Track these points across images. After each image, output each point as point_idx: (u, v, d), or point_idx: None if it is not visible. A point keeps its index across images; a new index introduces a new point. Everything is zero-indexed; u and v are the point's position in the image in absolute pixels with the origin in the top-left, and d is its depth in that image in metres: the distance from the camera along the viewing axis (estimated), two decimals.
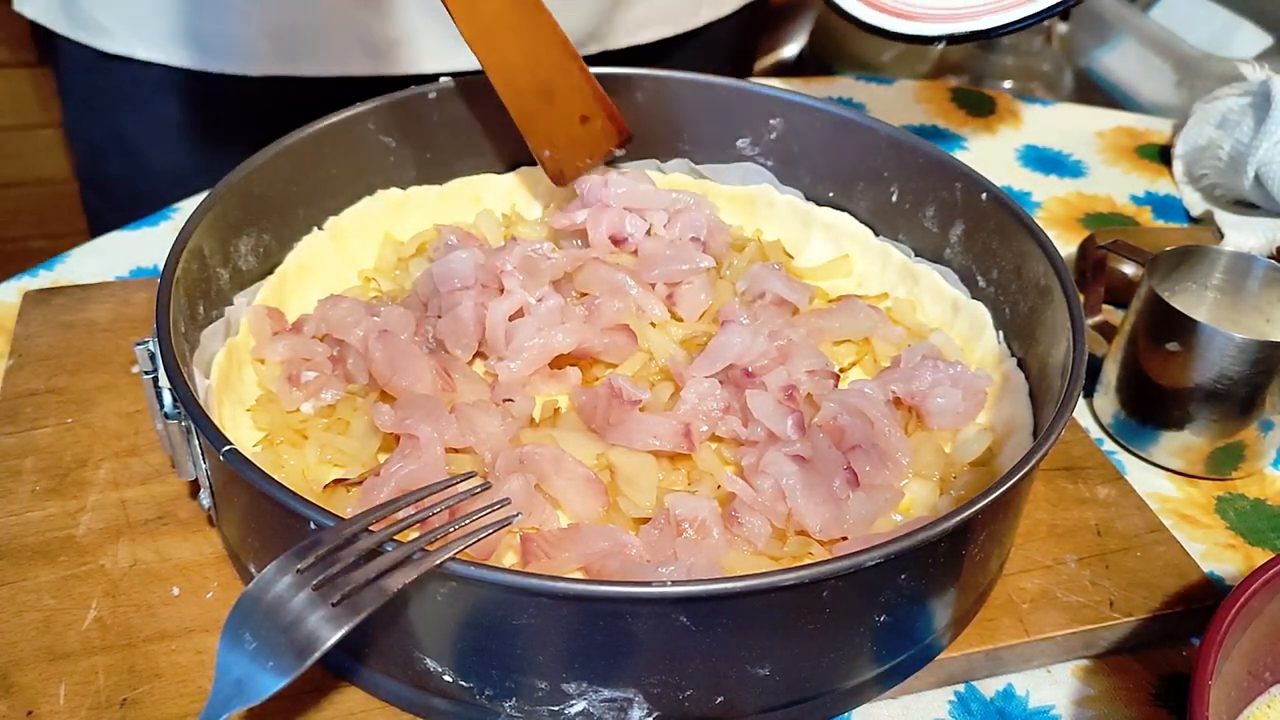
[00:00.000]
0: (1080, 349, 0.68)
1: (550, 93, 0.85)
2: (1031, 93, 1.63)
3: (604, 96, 0.87)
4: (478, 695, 0.59)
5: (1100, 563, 0.72)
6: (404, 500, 0.59)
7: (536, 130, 0.87)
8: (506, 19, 0.82)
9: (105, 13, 1.06)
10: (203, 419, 0.61)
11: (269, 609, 0.53)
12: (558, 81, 0.85)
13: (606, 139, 0.88)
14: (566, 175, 0.89)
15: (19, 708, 0.61)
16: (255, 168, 0.79)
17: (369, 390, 0.75)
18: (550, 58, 0.84)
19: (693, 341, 0.81)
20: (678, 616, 0.55)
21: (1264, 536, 0.79)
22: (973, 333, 0.83)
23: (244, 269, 0.80)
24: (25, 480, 0.73)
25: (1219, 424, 0.79)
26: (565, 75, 0.85)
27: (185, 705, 0.61)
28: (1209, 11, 1.60)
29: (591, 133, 0.87)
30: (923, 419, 0.75)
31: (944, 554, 0.60)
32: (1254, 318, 0.83)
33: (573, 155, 0.88)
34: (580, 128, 0.87)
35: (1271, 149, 1.03)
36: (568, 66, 0.85)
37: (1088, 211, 1.14)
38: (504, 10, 0.82)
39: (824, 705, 0.63)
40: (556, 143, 0.88)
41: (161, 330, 0.65)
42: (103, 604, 0.66)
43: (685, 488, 0.71)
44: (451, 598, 0.56)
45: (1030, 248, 0.78)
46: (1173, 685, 0.68)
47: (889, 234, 0.91)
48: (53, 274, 0.95)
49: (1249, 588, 0.57)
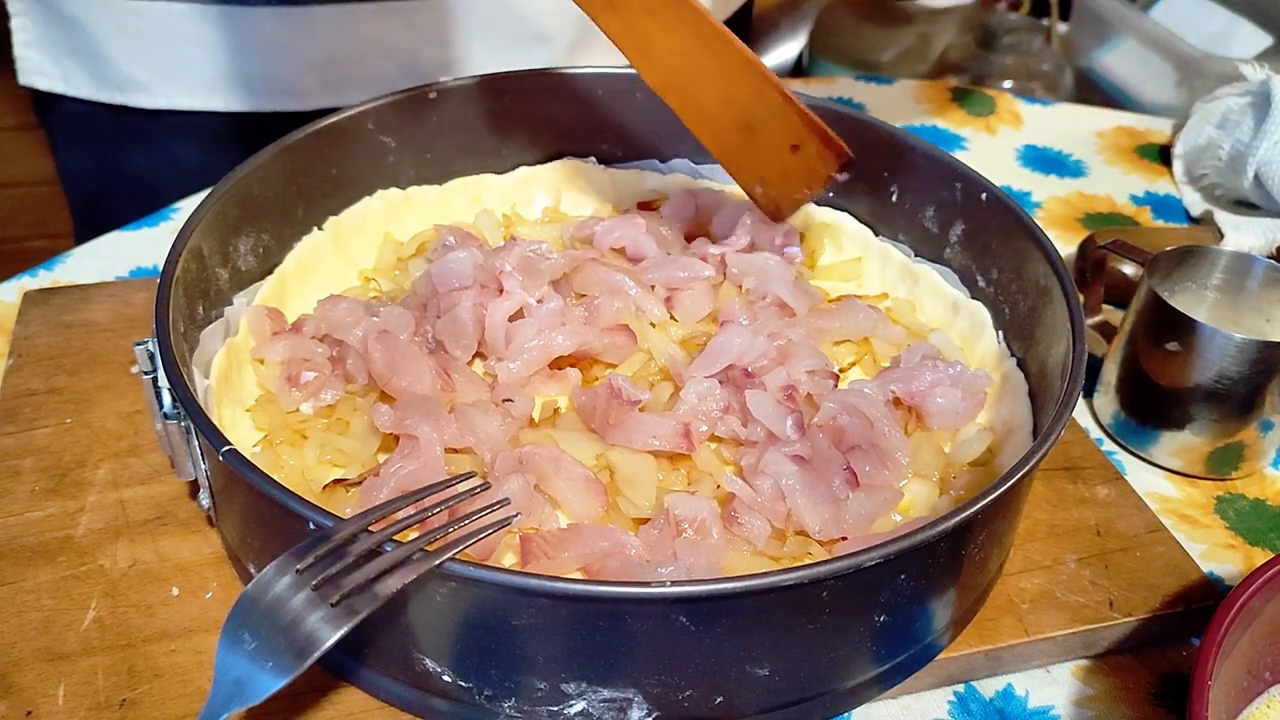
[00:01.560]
0: (1080, 349, 0.68)
1: (751, 125, 0.79)
2: (1031, 93, 1.63)
3: (815, 121, 0.78)
4: (477, 695, 0.59)
5: (1100, 563, 0.72)
6: (403, 500, 0.59)
7: (744, 167, 0.82)
8: (691, 59, 0.77)
9: (142, 69, 1.05)
10: (202, 419, 0.61)
11: (268, 609, 0.53)
12: (758, 111, 0.78)
13: (824, 165, 0.80)
14: (784, 210, 0.84)
15: (18, 708, 0.61)
16: (255, 168, 0.79)
17: (368, 390, 0.75)
18: (746, 88, 0.77)
19: (692, 341, 0.81)
20: (677, 616, 0.55)
21: (1264, 536, 0.79)
22: (973, 333, 0.83)
23: (243, 269, 0.80)
24: (25, 480, 0.73)
25: (1219, 424, 0.79)
26: (765, 103, 0.78)
27: (185, 705, 0.61)
28: (1209, 11, 1.60)
29: (805, 161, 0.80)
30: (922, 419, 0.75)
31: (944, 554, 0.60)
32: (1254, 318, 0.83)
33: (787, 188, 0.82)
34: (792, 157, 0.80)
35: (1271, 149, 1.03)
36: (767, 94, 0.77)
37: (1088, 211, 1.14)
38: (686, 49, 0.76)
39: (824, 705, 0.63)
40: (768, 177, 0.82)
41: (161, 330, 0.65)
42: (102, 604, 0.66)
43: (685, 488, 0.71)
44: (451, 598, 0.56)
45: (1030, 248, 0.78)
46: (1173, 685, 0.68)
47: (889, 234, 0.91)
48: (53, 274, 0.95)
49: (1249, 588, 0.57)
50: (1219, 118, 1.11)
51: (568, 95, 0.93)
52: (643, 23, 0.75)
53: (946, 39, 1.83)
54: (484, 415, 0.71)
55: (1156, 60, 1.49)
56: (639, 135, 0.90)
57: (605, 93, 0.91)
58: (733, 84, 0.77)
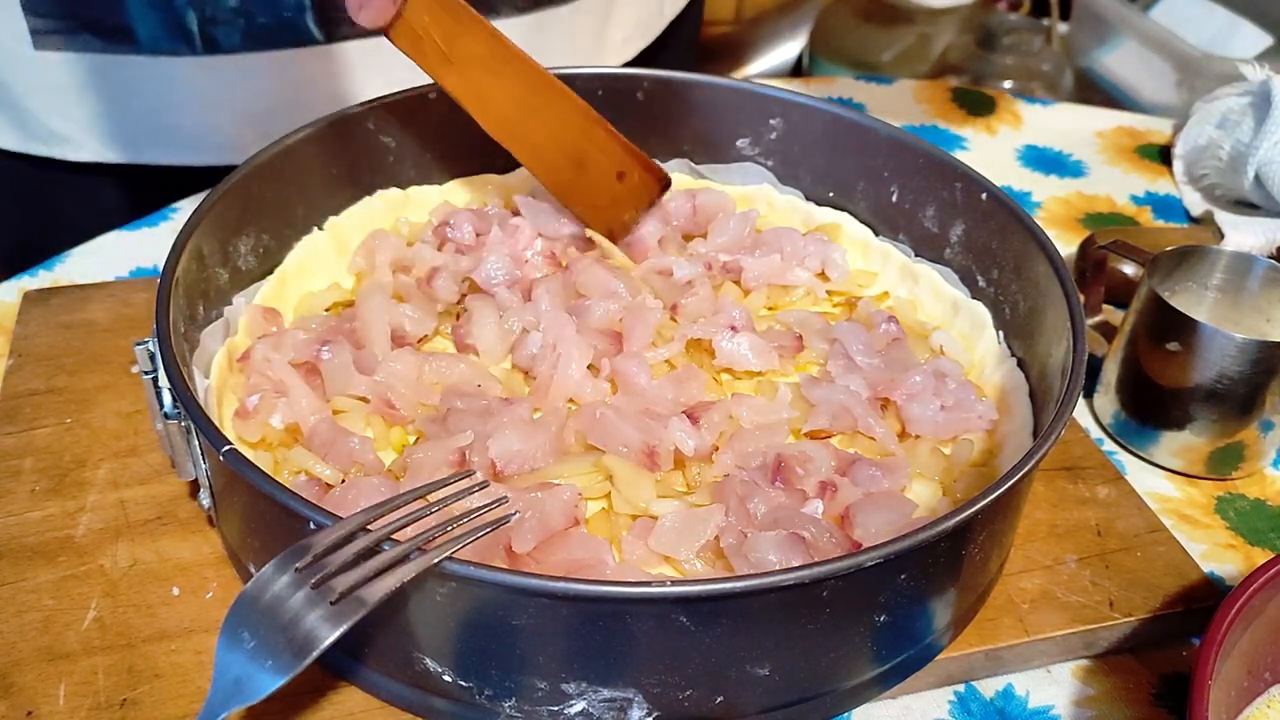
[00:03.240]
0: (1080, 349, 0.68)
1: (581, 160, 0.86)
2: (1031, 93, 1.63)
3: (634, 150, 0.87)
4: (477, 695, 0.59)
5: (1100, 563, 0.72)
6: (401, 499, 0.59)
7: (579, 198, 0.88)
8: (524, 105, 0.83)
9: (66, 123, 1.00)
10: (202, 419, 0.61)
11: (267, 608, 0.53)
12: (586, 148, 0.85)
13: (647, 190, 0.88)
14: (617, 233, 0.89)
15: (19, 708, 0.61)
16: (255, 168, 0.79)
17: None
18: (574, 127, 0.85)
19: (697, 345, 0.81)
20: (678, 616, 0.55)
21: (1264, 536, 0.79)
22: (973, 332, 0.83)
23: (243, 269, 0.80)
24: (25, 480, 0.73)
25: (1219, 424, 0.79)
26: (591, 140, 0.85)
27: (185, 705, 0.61)
28: (1209, 11, 1.60)
29: (630, 187, 0.87)
30: (905, 424, 0.75)
31: (944, 554, 0.60)
32: (1254, 318, 0.83)
33: (617, 212, 0.88)
34: (619, 185, 0.87)
35: (1271, 149, 1.03)
36: (592, 131, 0.85)
37: (1088, 211, 1.14)
38: (519, 97, 0.82)
39: (824, 705, 0.63)
40: (599, 204, 0.88)
41: (161, 330, 0.65)
42: (102, 604, 0.66)
43: (685, 489, 0.71)
44: (451, 598, 0.56)
45: (1030, 248, 0.78)
46: (1173, 685, 0.68)
47: (889, 234, 0.91)
48: (53, 274, 0.95)
49: (1249, 588, 0.57)
50: (1219, 118, 1.11)
51: None
52: (478, 75, 0.80)
53: (946, 39, 1.83)
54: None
55: (1156, 60, 1.49)
56: (639, 135, 0.90)
57: (605, 93, 0.91)
58: (563, 125, 0.84)
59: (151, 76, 0.97)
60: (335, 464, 0.69)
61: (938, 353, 0.81)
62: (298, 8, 0.95)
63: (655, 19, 1.22)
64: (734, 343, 0.78)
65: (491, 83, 0.81)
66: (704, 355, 0.80)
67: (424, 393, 0.74)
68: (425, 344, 0.81)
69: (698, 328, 0.79)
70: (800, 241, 0.88)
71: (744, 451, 0.71)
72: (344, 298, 0.84)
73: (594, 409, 0.71)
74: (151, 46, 0.95)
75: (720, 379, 0.79)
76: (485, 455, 0.68)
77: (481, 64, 0.80)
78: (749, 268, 0.86)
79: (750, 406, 0.74)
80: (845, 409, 0.74)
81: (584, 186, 0.87)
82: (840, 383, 0.76)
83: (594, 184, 0.87)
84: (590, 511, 0.69)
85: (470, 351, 0.79)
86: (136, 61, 0.96)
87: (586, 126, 0.85)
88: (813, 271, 0.87)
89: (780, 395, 0.76)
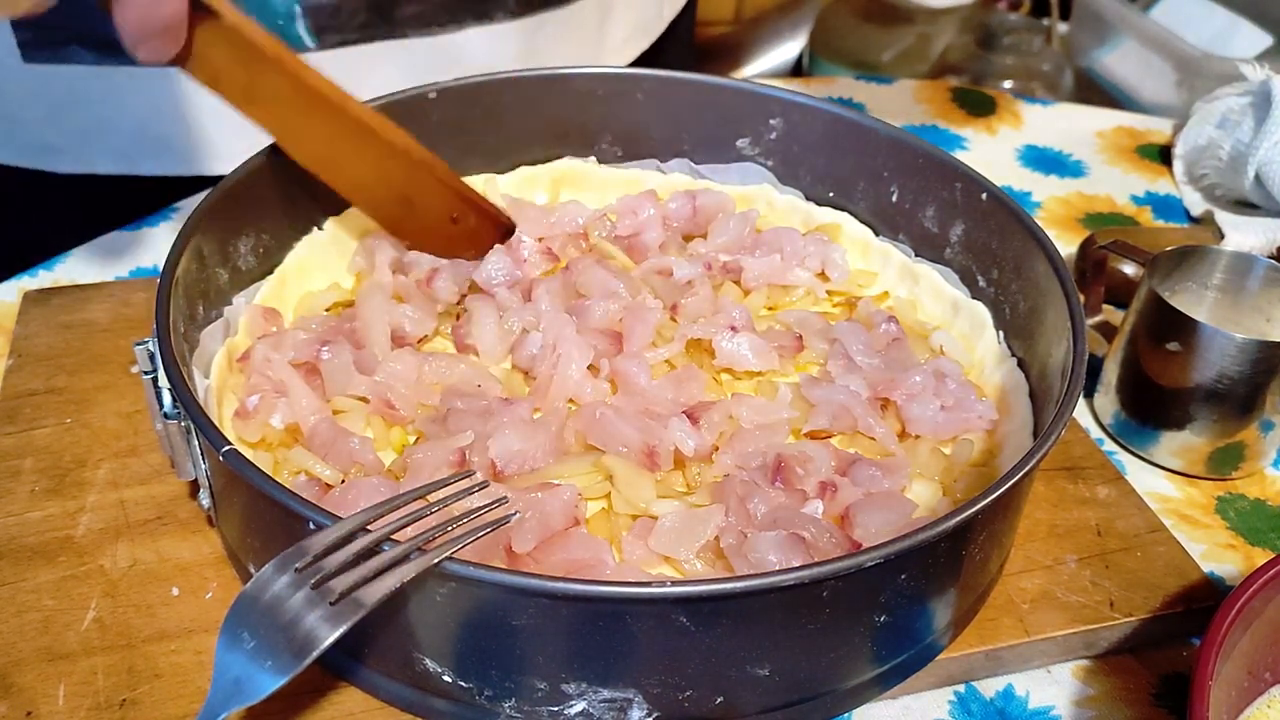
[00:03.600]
0: (1080, 349, 0.68)
1: (409, 199, 0.82)
2: (1031, 93, 1.63)
3: (472, 196, 0.84)
4: (477, 695, 0.59)
5: (1100, 563, 0.72)
6: (401, 499, 0.59)
7: (409, 233, 0.84)
8: (337, 145, 0.79)
9: (58, 135, 0.99)
10: (202, 419, 0.61)
11: (267, 608, 0.53)
12: (412, 191, 0.82)
13: (485, 236, 0.85)
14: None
15: (18, 708, 0.61)
16: (255, 168, 0.79)
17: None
18: (398, 171, 0.80)
19: (696, 345, 0.81)
20: (678, 616, 0.55)
21: (1264, 536, 0.79)
22: (973, 332, 0.83)
23: (243, 269, 0.80)
24: (24, 480, 0.73)
25: (1219, 424, 0.79)
26: (418, 184, 0.81)
27: (185, 705, 0.61)
28: (1209, 11, 1.60)
29: (466, 230, 0.84)
30: (905, 423, 0.75)
31: (944, 554, 0.60)
32: (1254, 318, 0.83)
33: (454, 252, 0.85)
34: (453, 227, 0.84)
35: (1271, 149, 1.03)
36: (418, 176, 0.81)
37: (1088, 211, 1.14)
38: (330, 137, 0.78)
39: (824, 705, 0.63)
40: (434, 242, 0.84)
41: (161, 330, 0.65)
42: (102, 604, 0.66)
43: (685, 489, 0.71)
44: (451, 598, 0.56)
45: (1031, 247, 0.78)
46: (1173, 685, 0.68)
47: (889, 234, 0.91)
48: (53, 274, 0.95)
49: (1249, 588, 0.57)
50: (1219, 118, 1.11)
51: (568, 95, 0.93)
52: (284, 112, 0.76)
53: (946, 39, 1.83)
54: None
55: (1156, 60, 1.49)
56: (639, 135, 0.90)
57: (605, 93, 0.91)
58: (385, 167, 0.80)
59: (142, 88, 0.97)
60: (335, 464, 0.69)
61: (938, 353, 0.81)
62: (288, 15, 0.95)
63: (655, 20, 1.22)
64: (734, 343, 0.78)
65: (300, 120, 0.77)
66: (704, 355, 0.80)
67: (424, 393, 0.74)
68: (425, 344, 0.81)
69: (698, 328, 0.79)
70: (800, 241, 0.88)
71: (744, 451, 0.71)
72: (344, 298, 0.84)
73: (594, 409, 0.71)
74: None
75: (720, 379, 0.79)
76: (485, 455, 0.68)
77: (285, 102, 0.75)
78: (749, 268, 0.86)
79: (750, 406, 0.74)
80: (845, 409, 0.74)
81: (415, 223, 0.84)
82: (840, 383, 0.76)
83: (426, 223, 0.84)
84: (590, 511, 0.69)
85: (470, 352, 0.79)
86: (127, 73, 0.95)
87: (412, 172, 0.81)
88: (813, 271, 0.88)
89: (780, 395, 0.76)
